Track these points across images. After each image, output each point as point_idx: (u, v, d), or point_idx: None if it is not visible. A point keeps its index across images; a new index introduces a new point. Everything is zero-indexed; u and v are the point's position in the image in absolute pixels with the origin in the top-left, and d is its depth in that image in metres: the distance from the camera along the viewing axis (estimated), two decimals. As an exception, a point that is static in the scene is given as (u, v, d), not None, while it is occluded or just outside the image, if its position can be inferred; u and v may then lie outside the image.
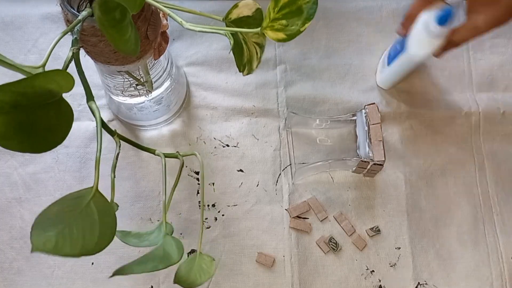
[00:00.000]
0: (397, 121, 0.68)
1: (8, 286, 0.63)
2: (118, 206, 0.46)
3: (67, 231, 0.35)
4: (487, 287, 0.64)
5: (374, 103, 0.65)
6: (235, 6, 0.43)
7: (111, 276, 0.40)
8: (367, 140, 0.64)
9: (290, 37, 0.39)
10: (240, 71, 0.46)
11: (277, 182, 0.66)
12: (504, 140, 0.69)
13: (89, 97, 0.41)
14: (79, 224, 0.35)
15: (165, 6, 0.42)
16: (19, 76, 0.38)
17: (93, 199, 0.37)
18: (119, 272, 0.41)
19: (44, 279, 0.63)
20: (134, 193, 0.65)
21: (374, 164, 0.62)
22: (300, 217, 0.65)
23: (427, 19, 0.56)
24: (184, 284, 0.46)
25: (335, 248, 0.64)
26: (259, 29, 0.39)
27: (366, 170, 0.64)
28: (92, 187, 0.38)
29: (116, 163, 0.43)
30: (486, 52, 0.71)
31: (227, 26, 0.44)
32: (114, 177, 0.42)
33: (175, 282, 0.46)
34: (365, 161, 0.62)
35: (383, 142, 0.63)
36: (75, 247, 0.35)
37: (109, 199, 0.40)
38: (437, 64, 0.70)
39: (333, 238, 0.64)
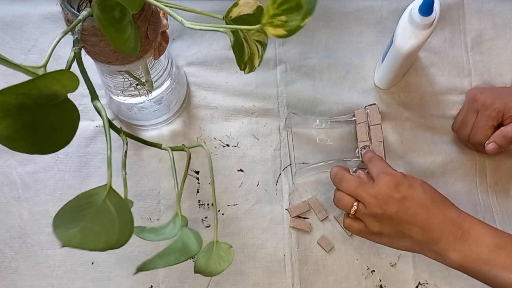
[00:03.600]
0: (397, 121, 0.68)
1: (7, 285, 0.63)
2: (132, 203, 0.46)
3: (89, 226, 0.35)
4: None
5: (374, 104, 0.65)
6: (236, 4, 0.43)
7: (135, 273, 0.40)
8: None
9: (290, 32, 0.39)
10: (241, 69, 0.46)
11: (277, 182, 0.66)
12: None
13: (93, 96, 0.41)
14: (100, 221, 0.36)
15: (165, 5, 0.42)
16: (19, 75, 0.38)
17: (108, 196, 0.37)
18: (142, 268, 0.41)
19: (44, 279, 0.63)
20: (134, 193, 0.65)
21: (374, 164, 0.62)
22: (300, 217, 0.65)
23: (411, 11, 0.56)
24: (205, 273, 0.46)
25: None
26: (259, 26, 0.39)
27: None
28: (105, 185, 0.38)
29: (125, 160, 0.43)
30: (485, 54, 0.71)
31: (227, 24, 0.44)
32: (126, 174, 0.42)
33: (195, 271, 0.46)
34: (365, 161, 0.62)
35: (383, 142, 0.63)
36: (99, 241, 0.35)
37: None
38: (436, 64, 0.70)
39: None
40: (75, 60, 0.40)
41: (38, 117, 0.34)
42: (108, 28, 0.37)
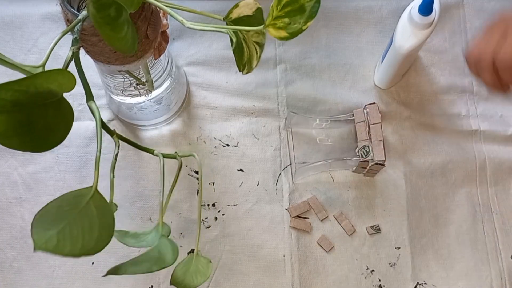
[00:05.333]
0: (397, 121, 0.68)
1: (8, 286, 0.63)
2: (117, 206, 0.46)
3: (67, 230, 0.35)
4: (487, 286, 0.64)
5: (374, 103, 0.65)
6: (236, 5, 0.43)
7: (105, 275, 0.40)
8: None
9: (292, 35, 0.39)
10: (240, 70, 0.46)
11: (277, 181, 0.66)
12: (504, 140, 0.69)
13: (89, 97, 0.41)
14: (79, 224, 0.35)
15: (165, 5, 0.42)
16: (19, 75, 0.39)
17: (92, 199, 0.37)
18: (113, 272, 0.41)
19: (44, 279, 0.63)
20: (134, 193, 0.65)
21: (375, 163, 0.62)
22: (300, 217, 0.65)
23: (411, 10, 0.56)
24: (180, 286, 0.47)
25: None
26: (261, 27, 0.39)
27: (366, 169, 0.64)
28: (91, 186, 0.38)
29: (115, 163, 0.43)
30: (485, 53, 0.71)
31: (227, 25, 0.44)
32: (113, 177, 0.42)
33: (171, 283, 0.47)
34: (365, 161, 0.62)
35: (383, 141, 0.63)
36: (75, 247, 0.34)
37: (108, 199, 0.40)
38: (436, 64, 0.70)
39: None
40: (73, 59, 0.40)
41: (33, 115, 0.34)
42: (103, 26, 0.37)
